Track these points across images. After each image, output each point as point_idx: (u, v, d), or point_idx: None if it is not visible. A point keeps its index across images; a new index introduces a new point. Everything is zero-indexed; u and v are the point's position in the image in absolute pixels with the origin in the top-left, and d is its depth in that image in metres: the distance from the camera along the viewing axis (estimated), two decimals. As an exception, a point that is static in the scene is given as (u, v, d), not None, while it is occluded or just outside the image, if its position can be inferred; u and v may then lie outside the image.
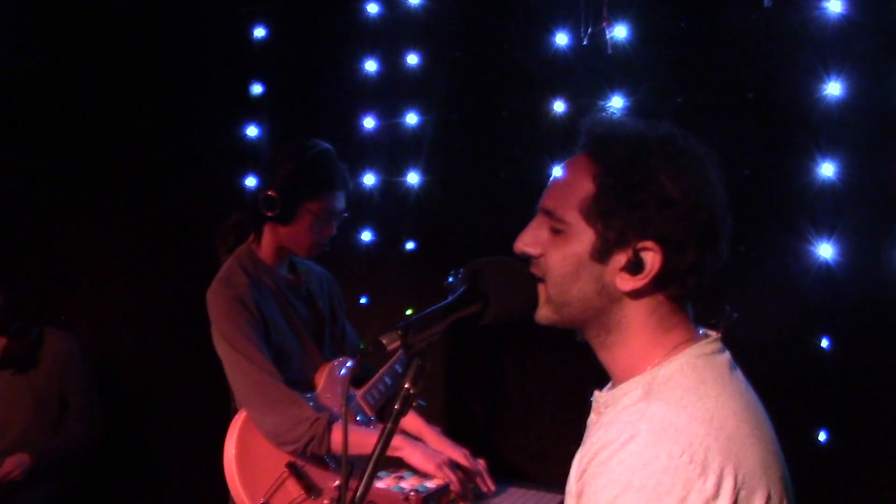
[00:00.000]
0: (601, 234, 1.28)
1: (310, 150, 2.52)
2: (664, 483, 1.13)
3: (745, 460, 1.19)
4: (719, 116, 2.86)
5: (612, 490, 1.15)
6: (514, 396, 3.45)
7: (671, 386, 1.25)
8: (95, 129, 4.43)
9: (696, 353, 1.31)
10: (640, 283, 1.29)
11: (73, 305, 4.70)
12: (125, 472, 4.23)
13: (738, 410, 1.25)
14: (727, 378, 1.30)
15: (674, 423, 1.18)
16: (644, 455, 1.15)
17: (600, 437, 1.21)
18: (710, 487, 1.14)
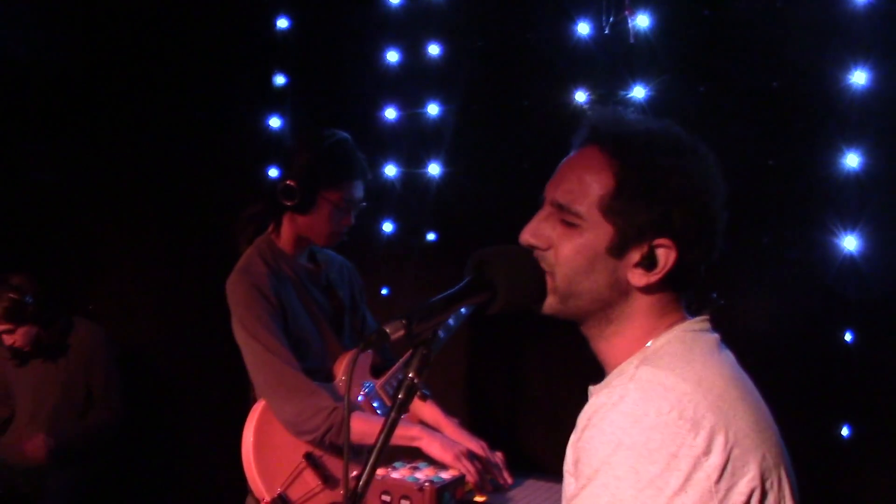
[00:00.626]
0: (620, 230, 1.29)
1: (328, 139, 2.52)
2: (654, 439, 1.14)
3: (736, 420, 1.20)
4: (743, 106, 2.83)
5: (604, 450, 1.16)
6: (535, 388, 3.45)
7: (658, 355, 1.28)
8: (122, 122, 4.48)
9: (686, 328, 1.33)
10: (654, 279, 1.30)
11: (99, 295, 4.77)
12: (148, 458, 4.28)
13: (726, 376, 1.26)
14: (715, 350, 1.32)
15: (662, 382, 1.19)
16: (633, 413, 1.16)
17: (592, 403, 1.23)
18: (701, 443, 1.14)
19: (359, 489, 1.19)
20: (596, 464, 1.16)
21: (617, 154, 1.31)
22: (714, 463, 1.15)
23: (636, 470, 1.13)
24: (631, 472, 1.13)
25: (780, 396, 1.49)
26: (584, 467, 1.19)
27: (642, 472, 1.13)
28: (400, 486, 2.02)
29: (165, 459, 4.32)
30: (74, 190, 4.79)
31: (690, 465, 1.13)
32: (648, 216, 1.28)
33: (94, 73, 4.52)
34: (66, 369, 3.93)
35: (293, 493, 2.36)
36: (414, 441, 2.33)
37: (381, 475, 2.06)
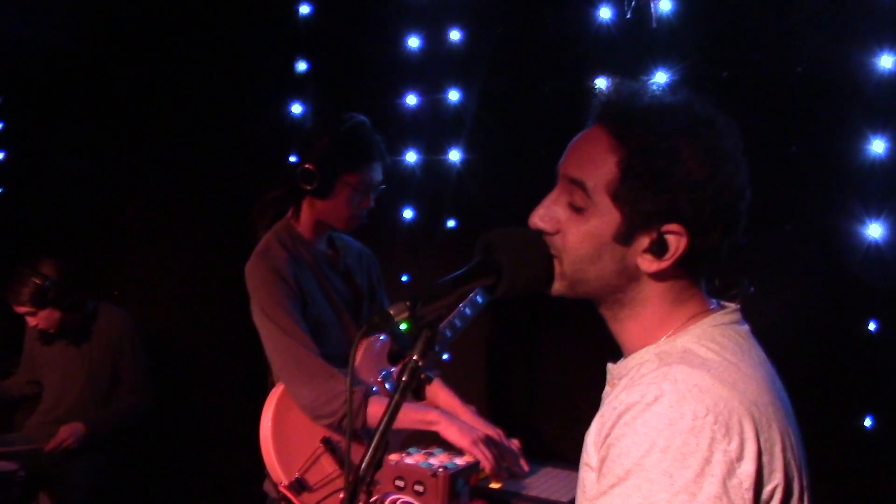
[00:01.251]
0: (627, 217, 1.25)
1: (345, 122, 2.52)
2: (689, 443, 1.11)
3: (767, 426, 1.17)
4: (766, 92, 2.78)
5: (637, 451, 1.13)
6: (552, 376, 3.43)
7: (690, 354, 1.23)
8: (147, 109, 4.51)
9: (713, 324, 1.29)
10: (664, 265, 1.26)
11: (124, 281, 4.82)
12: (169, 442, 4.33)
13: (759, 379, 1.23)
14: (746, 348, 1.27)
15: (698, 384, 1.16)
16: (669, 415, 1.13)
17: (623, 400, 1.19)
18: (735, 449, 1.12)
19: (361, 471, 1.18)
20: (627, 464, 1.14)
21: (622, 138, 1.25)
22: (747, 470, 1.12)
23: (670, 474, 1.10)
24: (664, 476, 1.10)
25: (803, 386, 1.47)
26: (615, 466, 1.16)
27: (676, 477, 1.10)
28: (413, 472, 2.01)
29: (186, 443, 4.36)
30: (101, 176, 4.84)
31: (724, 471, 1.11)
32: (655, 204, 1.23)
33: (119, 60, 4.56)
34: (91, 354, 3.99)
35: (310, 477, 2.37)
36: (431, 425, 2.33)
37: (394, 460, 2.05)
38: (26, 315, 3.86)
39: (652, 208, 1.23)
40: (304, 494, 2.32)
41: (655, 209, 1.23)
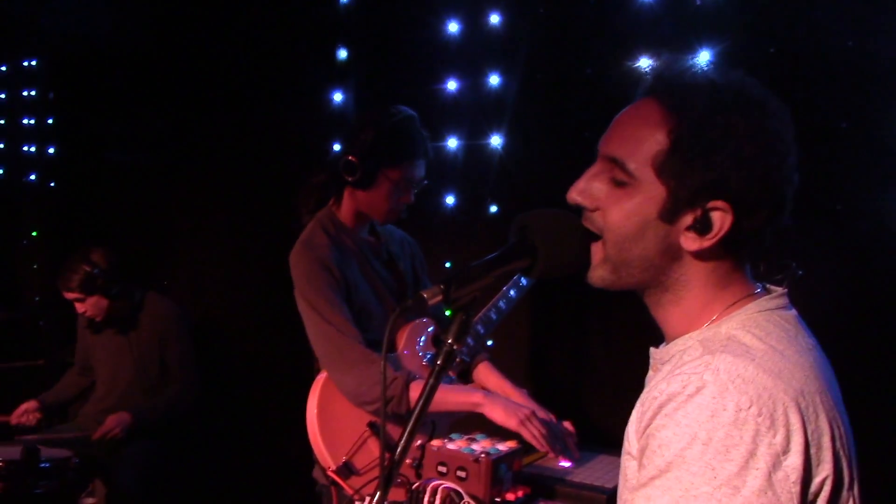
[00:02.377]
0: (673, 192, 1.22)
1: (393, 117, 2.50)
2: (732, 436, 1.08)
3: (814, 417, 1.14)
4: (815, 67, 2.69)
5: (678, 443, 1.10)
6: (598, 360, 3.40)
7: (734, 342, 1.19)
8: (192, 101, 4.56)
9: (758, 309, 1.25)
10: (707, 244, 1.23)
11: (173, 271, 4.89)
12: (219, 430, 4.38)
13: (806, 367, 1.19)
14: (793, 334, 1.23)
15: (741, 374, 1.12)
16: (711, 406, 1.10)
17: (663, 390, 1.16)
18: (781, 441, 1.09)
19: (397, 454, 1.17)
20: (669, 456, 1.11)
21: (675, 109, 1.22)
22: (793, 463, 1.09)
23: (712, 467, 1.08)
24: (707, 469, 1.08)
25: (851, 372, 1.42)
26: (656, 458, 1.13)
27: (719, 470, 1.08)
28: (456, 458, 2.00)
29: (236, 431, 4.41)
30: (148, 169, 4.92)
31: (770, 465, 1.08)
32: (704, 178, 1.19)
33: (164, 54, 4.61)
34: (139, 344, 4.05)
35: (358, 461, 2.38)
36: (476, 407, 2.32)
37: (436, 446, 2.04)
38: (75, 301, 3.94)
39: (699, 183, 1.20)
40: (352, 478, 2.34)
41: (703, 184, 1.20)
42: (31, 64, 5.74)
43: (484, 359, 2.75)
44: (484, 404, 2.31)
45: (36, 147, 5.77)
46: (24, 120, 5.80)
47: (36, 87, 5.75)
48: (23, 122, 5.80)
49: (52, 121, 5.68)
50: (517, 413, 2.26)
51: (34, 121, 5.77)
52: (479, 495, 1.93)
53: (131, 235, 5.01)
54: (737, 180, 1.19)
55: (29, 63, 5.74)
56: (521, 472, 2.12)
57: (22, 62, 5.76)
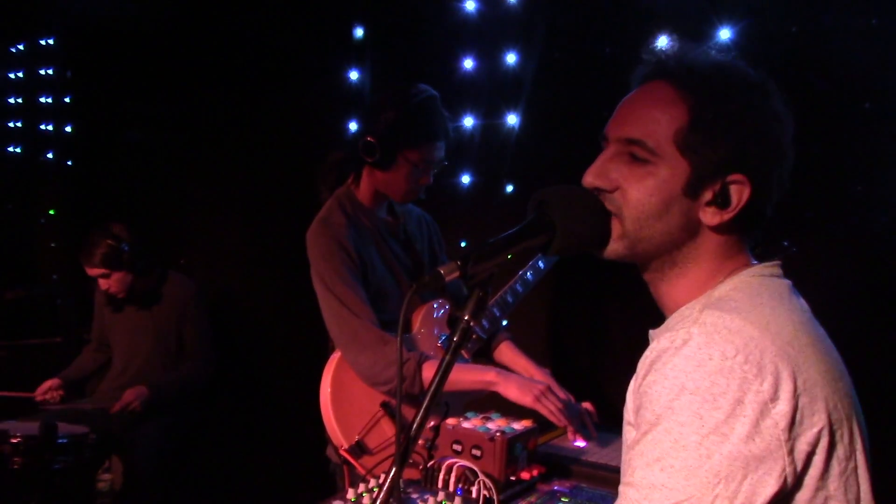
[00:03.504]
0: (696, 167, 1.24)
1: (413, 97, 2.47)
2: (719, 384, 1.10)
3: (805, 367, 1.15)
4: (838, 46, 2.65)
5: (667, 395, 1.12)
6: (616, 341, 3.38)
7: (724, 300, 1.23)
8: (209, 80, 4.56)
9: (753, 273, 1.29)
10: (727, 217, 1.26)
11: (191, 249, 4.90)
12: (235, 408, 4.41)
13: (796, 321, 1.21)
14: (785, 296, 1.26)
15: (727, 326, 1.15)
16: (697, 356, 1.12)
17: (654, 348, 1.19)
18: (768, 388, 1.10)
19: (413, 431, 1.17)
20: (658, 409, 1.13)
21: (689, 87, 1.25)
22: (782, 410, 1.10)
23: (700, 415, 1.09)
24: (695, 418, 1.09)
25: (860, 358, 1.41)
26: (646, 413, 1.15)
27: (706, 418, 1.09)
28: (471, 436, 2.00)
29: (251, 409, 4.43)
30: (166, 148, 4.93)
31: (757, 412, 1.09)
32: (725, 151, 1.23)
33: (181, 33, 4.61)
34: (158, 319, 4.08)
35: (370, 441, 2.38)
36: (491, 385, 2.32)
37: (452, 425, 2.04)
38: (100, 277, 3.95)
39: (722, 156, 1.23)
40: (364, 458, 2.34)
41: (725, 157, 1.23)
42: (48, 42, 5.75)
43: (506, 338, 2.74)
44: (498, 382, 2.31)
45: (53, 125, 5.79)
46: (41, 98, 5.82)
47: (53, 65, 5.76)
48: (40, 100, 5.82)
49: (69, 99, 5.69)
50: (532, 389, 2.26)
51: (51, 99, 5.78)
52: (493, 474, 1.93)
53: (148, 213, 5.02)
54: (754, 152, 1.23)
55: (46, 41, 5.75)
56: (536, 452, 2.11)
57: (39, 40, 5.77)
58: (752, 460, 1.08)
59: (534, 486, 2.01)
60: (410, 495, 1.84)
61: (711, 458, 1.08)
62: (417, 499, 1.80)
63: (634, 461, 1.15)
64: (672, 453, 1.10)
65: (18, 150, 5.99)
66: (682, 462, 1.09)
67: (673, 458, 1.10)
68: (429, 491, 1.86)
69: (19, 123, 5.99)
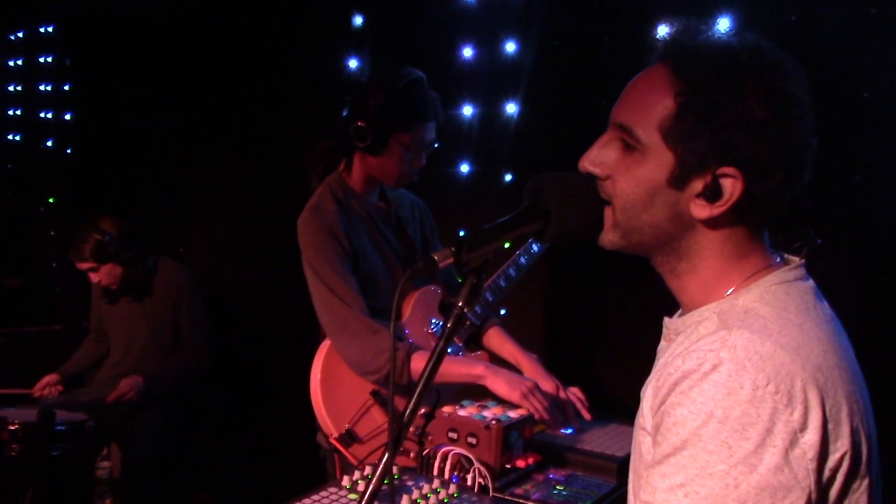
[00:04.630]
0: (681, 158, 1.19)
1: (401, 80, 2.46)
2: (749, 414, 1.06)
3: (833, 392, 1.11)
4: (837, 35, 2.64)
5: (693, 421, 1.09)
6: (611, 327, 3.38)
7: (752, 316, 1.17)
8: (206, 68, 4.55)
9: (776, 281, 1.22)
10: (717, 211, 1.20)
11: (190, 238, 4.90)
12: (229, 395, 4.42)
13: (824, 340, 1.16)
14: (811, 306, 1.21)
15: (759, 351, 1.10)
16: (728, 384, 1.08)
17: (678, 367, 1.14)
18: (798, 418, 1.07)
19: (405, 418, 1.17)
20: (684, 434, 1.10)
21: (682, 72, 1.19)
22: (811, 440, 1.07)
23: (728, 445, 1.06)
24: (723, 447, 1.07)
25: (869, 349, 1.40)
26: (671, 436, 1.12)
27: (735, 448, 1.06)
28: (467, 424, 2.01)
29: (246, 396, 4.44)
30: (164, 136, 4.92)
31: (787, 442, 1.06)
32: (711, 142, 1.16)
33: (180, 21, 4.60)
34: (153, 308, 4.08)
35: (360, 429, 2.39)
36: (479, 379, 2.31)
37: (447, 412, 2.05)
38: (89, 271, 3.96)
39: (707, 147, 1.17)
40: (354, 446, 2.34)
41: (711, 148, 1.17)
42: (47, 30, 5.74)
43: (494, 324, 2.74)
44: (486, 376, 2.30)
45: (53, 113, 5.78)
46: (40, 86, 5.81)
47: (52, 52, 5.75)
48: (39, 88, 5.81)
49: (68, 87, 5.68)
50: (520, 386, 2.25)
51: (51, 87, 5.78)
52: (489, 462, 1.94)
53: (147, 201, 5.02)
54: (745, 144, 1.16)
55: (45, 29, 5.74)
56: (532, 440, 2.12)
57: (38, 28, 5.76)
58: (779, 489, 1.06)
59: (529, 475, 2.02)
60: (406, 482, 1.85)
61: (739, 488, 1.06)
62: (413, 486, 1.80)
63: (655, 481, 1.13)
64: (698, 480, 1.08)
65: (18, 137, 5.99)
66: (709, 490, 1.07)
67: (698, 486, 1.08)
68: (424, 478, 1.87)
69: (19, 111, 5.98)
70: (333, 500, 1.73)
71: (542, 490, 1.91)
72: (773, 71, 1.18)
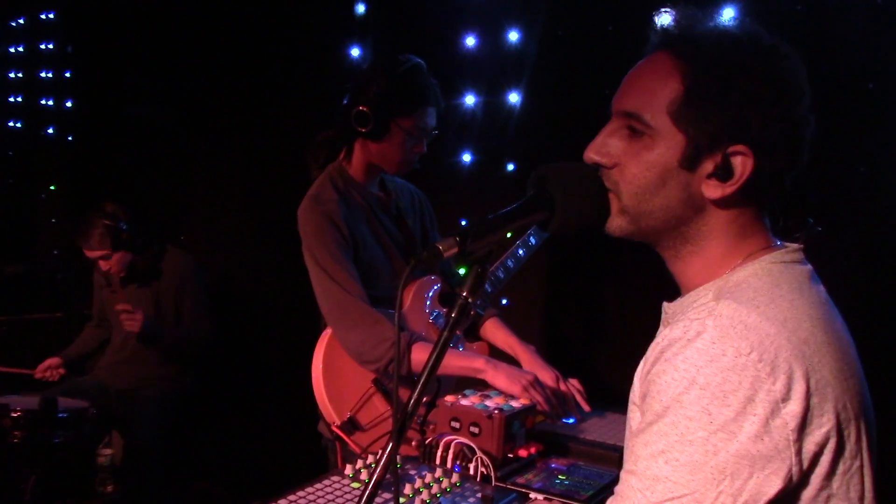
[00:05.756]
0: (692, 139, 1.20)
1: (402, 65, 2.46)
2: (730, 381, 1.07)
3: (819, 366, 1.12)
4: (842, 26, 2.63)
5: (676, 387, 1.10)
6: (611, 317, 3.39)
7: (743, 288, 1.19)
8: (210, 56, 4.54)
9: (774, 259, 1.24)
10: (729, 190, 1.21)
11: (192, 225, 4.90)
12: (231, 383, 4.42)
13: (814, 317, 1.17)
14: (805, 286, 1.22)
15: (744, 321, 1.11)
16: (710, 351, 1.09)
17: (665, 335, 1.15)
18: (780, 388, 1.07)
19: (409, 407, 1.17)
20: (666, 401, 1.11)
21: (686, 56, 1.21)
22: (793, 410, 1.08)
23: (709, 411, 1.07)
24: (703, 413, 1.07)
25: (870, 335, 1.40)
26: (654, 402, 1.13)
27: (715, 415, 1.07)
28: (469, 414, 2.00)
29: (248, 383, 4.45)
30: (166, 124, 4.91)
31: (768, 411, 1.07)
32: (722, 120, 1.18)
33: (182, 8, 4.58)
34: (157, 294, 4.08)
35: (362, 417, 2.38)
36: (479, 373, 2.31)
37: (450, 402, 2.04)
38: (100, 259, 3.94)
39: (718, 126, 1.19)
40: (356, 434, 2.34)
41: (722, 127, 1.19)
42: (48, 17, 5.72)
43: (493, 314, 2.74)
44: (487, 370, 2.30)
45: (54, 100, 5.77)
46: (41, 73, 5.80)
47: (53, 39, 5.73)
48: (40, 75, 5.80)
49: (69, 74, 5.67)
50: (520, 379, 2.26)
51: (52, 74, 5.76)
52: (491, 451, 1.94)
53: (149, 189, 5.02)
54: (755, 121, 1.18)
55: (46, 16, 5.72)
56: (534, 429, 2.12)
57: (39, 15, 5.74)
58: (759, 459, 1.06)
59: (531, 464, 2.02)
60: (408, 472, 1.85)
61: (718, 455, 1.07)
62: (415, 475, 1.81)
63: (638, 449, 1.14)
64: (678, 447, 1.09)
65: (19, 125, 5.98)
66: (688, 457, 1.08)
67: (678, 452, 1.09)
68: (427, 467, 1.87)
69: (20, 98, 5.97)
70: (336, 489, 1.73)
71: (544, 479, 1.91)
72: (773, 53, 1.21)
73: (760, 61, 1.19)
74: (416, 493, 1.71)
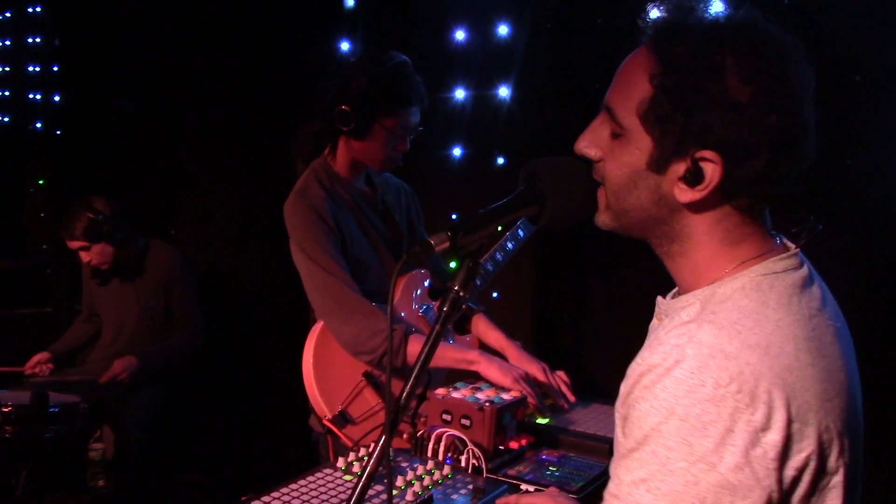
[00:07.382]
0: (658, 142, 1.18)
1: (385, 63, 2.45)
2: (709, 412, 1.06)
3: (801, 391, 1.10)
4: (829, 19, 2.64)
5: (654, 416, 1.10)
6: (600, 311, 3.40)
7: (728, 307, 1.16)
8: (198, 50, 4.52)
9: (764, 271, 1.20)
10: (698, 195, 1.18)
11: (181, 220, 4.89)
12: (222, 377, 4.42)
13: (800, 337, 1.14)
14: (794, 300, 1.18)
15: (723, 349, 1.09)
16: (689, 381, 1.08)
17: (645, 359, 1.14)
18: (760, 418, 1.07)
19: (402, 400, 1.18)
20: (646, 429, 1.10)
21: (661, 54, 1.16)
22: (773, 439, 1.07)
23: (689, 443, 1.07)
24: (683, 444, 1.07)
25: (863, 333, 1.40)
26: (635, 430, 1.13)
27: (695, 446, 1.07)
28: (460, 406, 2.02)
29: (239, 378, 4.45)
30: (153, 117, 4.89)
31: (747, 441, 1.06)
32: (687, 125, 1.14)
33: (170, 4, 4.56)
34: (144, 289, 4.08)
35: (353, 410, 2.39)
36: (472, 365, 2.33)
37: (441, 394, 2.06)
38: (80, 250, 3.95)
39: (683, 130, 1.15)
40: (347, 427, 2.35)
41: (687, 131, 1.14)
42: (35, 10, 5.69)
43: (479, 311, 2.75)
44: (479, 362, 2.32)
45: (41, 94, 5.74)
46: (29, 67, 5.76)
47: (41, 33, 5.70)
48: (28, 69, 5.77)
49: (57, 68, 5.64)
50: (511, 372, 2.27)
51: (39, 68, 5.73)
52: (482, 443, 1.95)
53: (138, 183, 5.00)
54: (723, 126, 1.12)
55: (34, 9, 5.69)
56: (525, 421, 2.13)
57: (27, 8, 5.70)
58: (739, 489, 1.06)
59: (522, 456, 2.03)
60: (400, 464, 1.86)
61: (699, 485, 1.07)
62: (407, 467, 1.82)
63: (621, 474, 1.14)
64: (659, 476, 1.09)
65: (6, 119, 5.95)
66: (669, 486, 1.08)
67: (659, 482, 1.09)
68: (418, 459, 1.88)
69: (7, 92, 5.94)
70: (329, 482, 1.74)
71: (535, 471, 1.93)
72: (760, 46, 1.15)
73: (739, 60, 1.12)
74: (407, 485, 1.72)
